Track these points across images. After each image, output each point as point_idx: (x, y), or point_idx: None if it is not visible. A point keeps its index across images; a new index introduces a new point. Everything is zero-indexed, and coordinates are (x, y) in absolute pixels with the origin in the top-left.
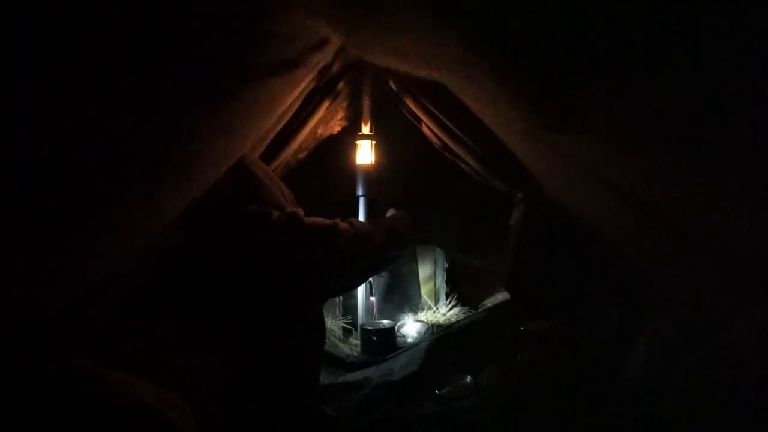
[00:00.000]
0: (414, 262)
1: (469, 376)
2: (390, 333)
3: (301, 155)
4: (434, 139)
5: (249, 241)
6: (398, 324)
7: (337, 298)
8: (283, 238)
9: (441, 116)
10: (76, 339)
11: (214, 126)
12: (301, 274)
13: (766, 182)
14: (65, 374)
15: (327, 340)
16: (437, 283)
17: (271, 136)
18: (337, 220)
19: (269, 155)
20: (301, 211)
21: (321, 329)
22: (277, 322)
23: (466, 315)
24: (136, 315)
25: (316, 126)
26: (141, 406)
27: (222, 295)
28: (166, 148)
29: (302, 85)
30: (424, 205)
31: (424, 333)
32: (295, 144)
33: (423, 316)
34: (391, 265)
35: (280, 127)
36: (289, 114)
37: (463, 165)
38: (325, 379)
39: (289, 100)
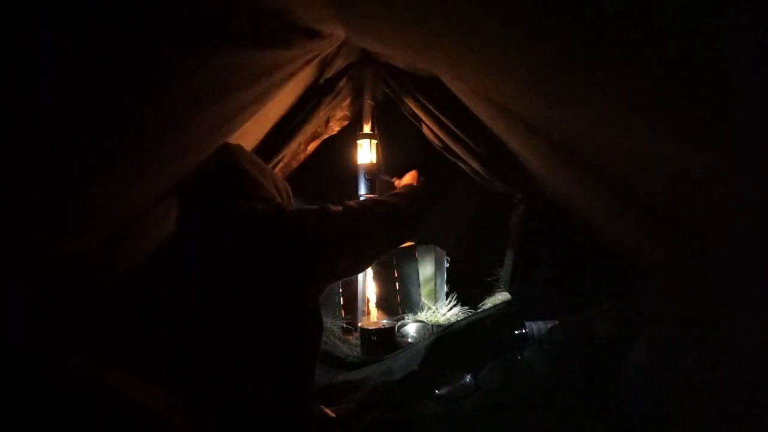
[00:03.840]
0: (414, 262)
1: (469, 376)
2: (390, 333)
3: (302, 156)
4: (434, 140)
5: (233, 238)
6: (398, 324)
7: (336, 297)
8: (268, 230)
9: (441, 116)
10: (74, 339)
11: (186, 102)
12: (293, 265)
13: (767, 181)
14: (61, 374)
15: (327, 340)
16: (437, 283)
17: (266, 130)
18: (328, 204)
19: (267, 152)
20: (286, 203)
21: (318, 326)
22: (271, 319)
23: (466, 315)
24: (132, 314)
25: (317, 125)
26: (136, 406)
27: (214, 294)
28: (139, 128)
29: (297, 67)
30: None
31: (424, 333)
32: (294, 143)
33: (423, 316)
34: (398, 245)
35: (276, 121)
36: (284, 108)
37: (463, 165)
38: (325, 379)
39: (272, 78)
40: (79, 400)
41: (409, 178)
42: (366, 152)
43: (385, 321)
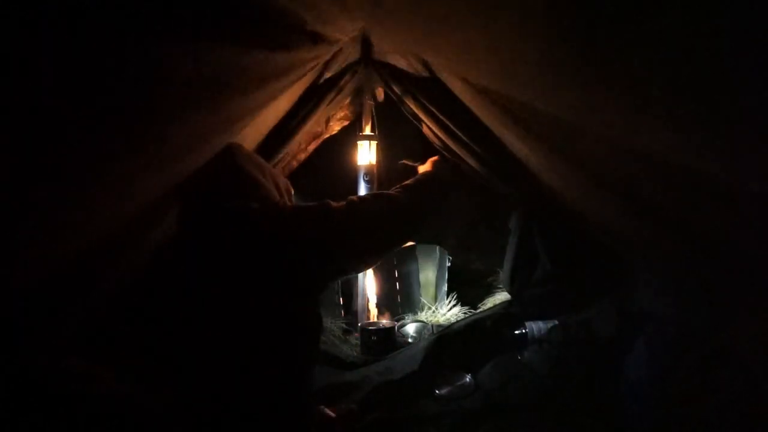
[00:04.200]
0: (414, 261)
1: (469, 376)
2: (390, 333)
3: (302, 156)
4: (434, 140)
5: (232, 238)
6: (398, 324)
7: (336, 297)
8: (266, 229)
9: (441, 116)
10: (73, 339)
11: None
12: (291, 264)
13: (767, 182)
14: (60, 374)
15: (327, 340)
16: (437, 283)
17: (267, 130)
18: (328, 200)
19: (268, 152)
20: (285, 202)
21: (317, 326)
22: (270, 319)
23: (466, 315)
24: (132, 315)
25: (317, 125)
26: (135, 407)
27: (214, 294)
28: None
29: (303, 71)
30: None
31: (424, 333)
32: (294, 143)
33: (423, 316)
34: (401, 242)
35: (277, 120)
36: (284, 108)
37: (463, 165)
38: (325, 379)
39: (277, 83)
40: (78, 401)
41: (429, 165)
42: (366, 153)
43: (385, 321)
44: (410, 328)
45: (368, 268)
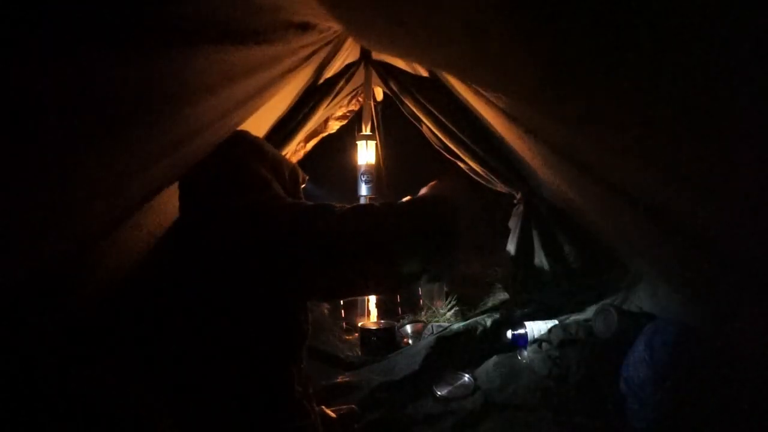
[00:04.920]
0: None
1: (469, 376)
2: (390, 333)
3: (302, 153)
4: (434, 140)
5: (228, 236)
6: (398, 324)
7: None
8: (263, 227)
9: (440, 116)
10: (67, 339)
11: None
12: (290, 264)
13: (767, 181)
14: (56, 373)
15: (327, 340)
16: (437, 283)
17: (267, 129)
18: (331, 203)
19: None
20: (286, 198)
21: (298, 331)
22: (267, 319)
23: (466, 315)
24: (128, 313)
25: (316, 124)
26: (130, 407)
27: (210, 293)
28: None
29: (295, 62)
30: None
31: (424, 333)
32: (294, 142)
33: (423, 316)
34: (417, 259)
35: (276, 120)
36: (283, 108)
37: (462, 165)
38: (325, 379)
39: (278, 75)
40: (78, 401)
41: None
42: (365, 153)
43: (384, 321)
44: (410, 328)
45: (378, 291)
